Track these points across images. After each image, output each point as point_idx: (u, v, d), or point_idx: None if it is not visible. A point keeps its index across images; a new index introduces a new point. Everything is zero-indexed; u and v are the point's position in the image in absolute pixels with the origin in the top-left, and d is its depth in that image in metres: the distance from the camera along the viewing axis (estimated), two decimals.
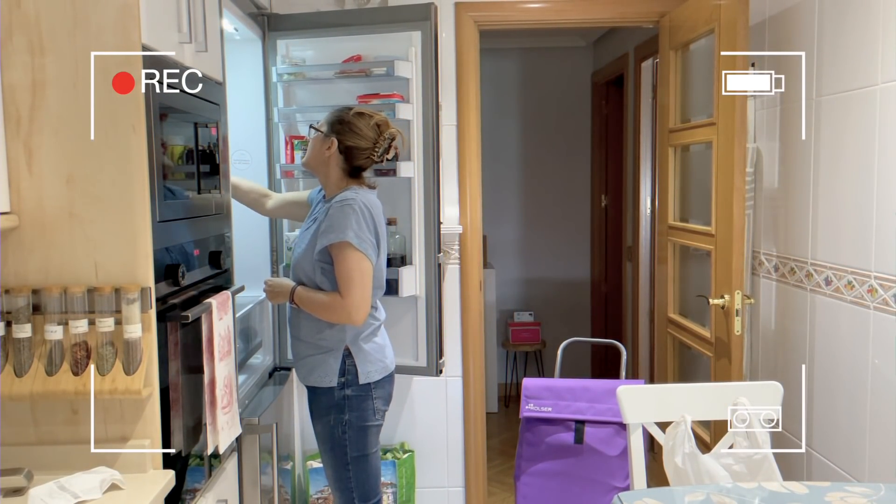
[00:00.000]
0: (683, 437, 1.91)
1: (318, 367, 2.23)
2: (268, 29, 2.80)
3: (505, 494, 3.66)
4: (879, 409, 2.08)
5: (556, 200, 5.33)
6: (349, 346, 2.22)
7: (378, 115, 2.29)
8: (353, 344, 2.23)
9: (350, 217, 2.13)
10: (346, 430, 2.22)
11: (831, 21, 2.28)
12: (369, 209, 2.18)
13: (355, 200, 2.16)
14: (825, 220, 2.33)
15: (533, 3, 3.11)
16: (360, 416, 2.23)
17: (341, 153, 2.24)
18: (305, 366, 2.27)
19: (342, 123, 2.25)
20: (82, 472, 1.53)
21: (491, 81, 4.86)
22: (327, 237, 2.13)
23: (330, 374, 2.22)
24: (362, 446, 2.24)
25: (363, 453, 2.25)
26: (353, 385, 2.22)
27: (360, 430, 2.23)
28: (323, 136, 2.26)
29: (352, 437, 2.22)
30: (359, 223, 2.13)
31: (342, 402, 2.22)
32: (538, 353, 5.10)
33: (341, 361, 2.22)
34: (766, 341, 2.73)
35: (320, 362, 2.23)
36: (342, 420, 2.22)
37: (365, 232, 2.14)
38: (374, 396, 2.25)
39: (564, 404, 2.84)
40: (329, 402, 2.23)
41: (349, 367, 2.22)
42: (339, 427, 2.22)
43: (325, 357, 2.23)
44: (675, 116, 3.05)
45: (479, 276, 3.18)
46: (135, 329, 1.55)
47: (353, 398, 2.22)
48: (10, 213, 1.56)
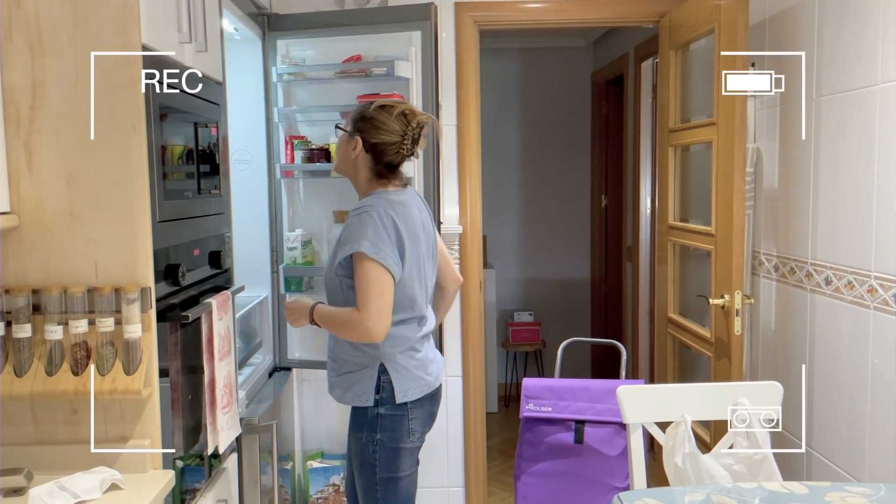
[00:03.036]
0: (683, 437, 1.91)
1: (354, 386, 2.09)
2: (268, 29, 2.81)
3: (505, 494, 3.66)
4: (879, 409, 2.08)
5: (556, 200, 5.33)
6: (384, 363, 2.07)
7: (403, 105, 2.12)
8: (389, 360, 2.07)
9: (366, 225, 1.98)
10: (377, 450, 2.07)
11: (831, 21, 2.28)
12: (392, 215, 2.02)
13: (374, 207, 2.02)
14: (825, 220, 2.33)
15: (533, 3, 3.11)
16: (392, 437, 2.07)
17: (367, 152, 2.09)
18: (341, 384, 2.12)
19: (364, 120, 2.09)
20: (82, 472, 1.53)
21: (491, 81, 4.86)
22: (343, 248, 2.00)
23: (366, 392, 2.07)
24: (393, 468, 2.08)
25: (393, 475, 2.08)
26: (388, 404, 2.07)
27: (392, 451, 2.08)
28: (348, 136, 2.12)
29: (382, 458, 2.07)
30: (376, 231, 1.97)
31: (374, 421, 2.07)
32: (538, 353, 5.10)
33: (377, 378, 2.06)
34: (766, 341, 2.73)
35: (356, 380, 2.09)
36: (373, 439, 2.07)
37: (384, 241, 1.98)
38: (411, 417, 2.09)
39: (564, 404, 2.84)
40: (362, 419, 2.09)
41: (384, 385, 2.06)
42: (371, 445, 2.08)
43: (360, 375, 2.08)
44: (675, 116, 3.05)
45: (479, 276, 3.18)
46: (135, 329, 1.55)
47: (386, 417, 2.07)
48: (10, 213, 1.56)
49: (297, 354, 2.94)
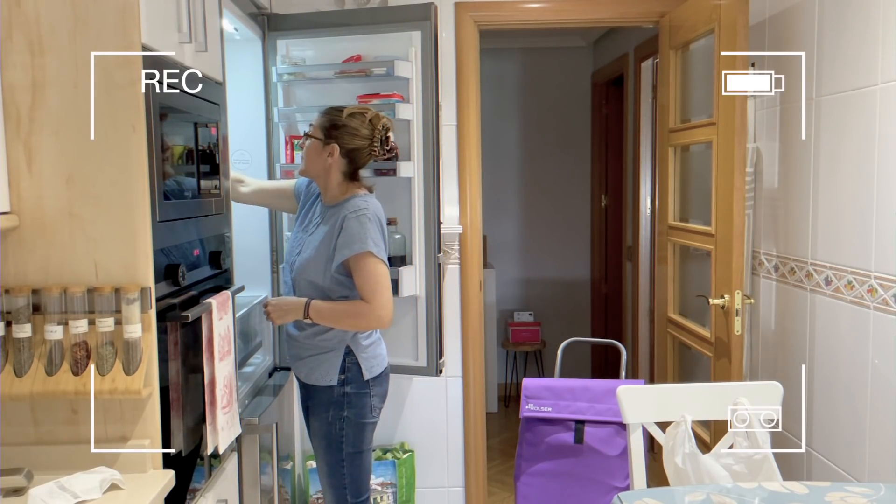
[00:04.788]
0: (683, 437, 1.91)
1: (320, 367, 2.26)
2: (268, 29, 2.80)
3: (505, 494, 3.66)
4: (879, 409, 2.08)
5: (556, 200, 5.33)
6: (350, 345, 2.25)
7: (369, 111, 2.28)
8: (354, 343, 2.26)
9: (367, 227, 2.18)
10: (344, 427, 2.25)
11: (831, 21, 2.28)
12: (379, 216, 2.24)
13: (368, 209, 2.21)
14: (825, 220, 2.33)
15: (533, 3, 3.11)
16: (358, 413, 2.26)
17: (344, 157, 2.25)
18: (306, 366, 2.29)
19: (338, 128, 2.23)
20: (82, 472, 1.53)
21: (491, 81, 4.86)
22: (350, 248, 2.16)
23: (331, 372, 2.24)
24: (358, 443, 2.27)
25: (358, 450, 2.28)
26: (353, 382, 2.25)
27: (358, 426, 2.27)
28: (322, 144, 2.24)
29: (349, 434, 2.26)
30: (375, 231, 2.19)
31: (341, 399, 2.25)
32: (538, 353, 5.10)
33: (342, 360, 2.24)
34: (766, 341, 2.73)
35: (322, 361, 2.25)
36: (340, 416, 2.25)
37: (380, 239, 2.21)
38: (372, 394, 2.28)
39: (564, 404, 2.84)
40: (328, 399, 2.26)
41: (349, 366, 2.25)
42: (338, 423, 2.25)
43: (326, 356, 2.25)
44: (675, 116, 3.05)
45: (479, 276, 3.18)
46: (135, 329, 1.55)
47: (352, 395, 2.25)
48: (10, 213, 1.56)
49: None
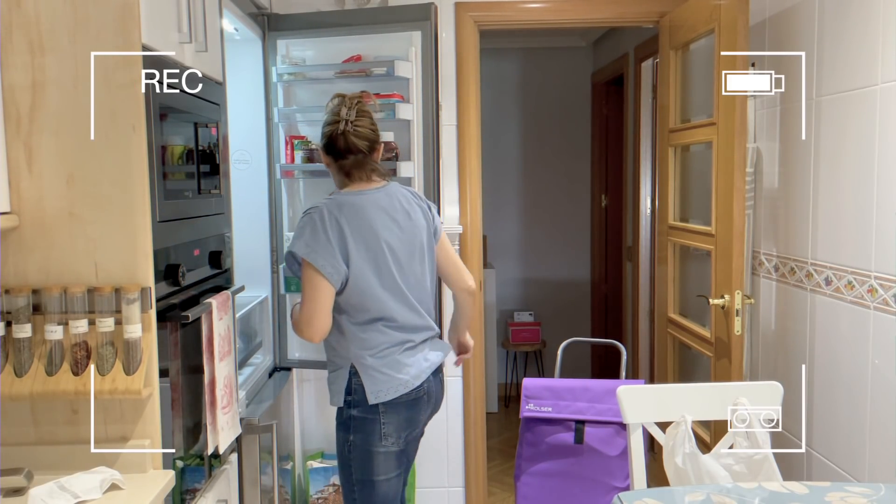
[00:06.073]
0: (683, 437, 1.91)
1: (332, 385, 2.14)
2: (268, 29, 2.80)
3: (505, 494, 3.66)
4: (879, 409, 2.08)
5: (556, 200, 5.32)
6: (354, 364, 2.08)
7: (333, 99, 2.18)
8: (358, 361, 2.08)
9: (304, 227, 2.03)
10: (352, 452, 2.10)
11: (831, 21, 2.28)
12: (338, 216, 2.03)
13: (318, 208, 2.05)
14: (825, 220, 2.33)
15: (533, 3, 3.11)
16: (365, 440, 2.08)
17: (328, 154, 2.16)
18: (328, 383, 2.17)
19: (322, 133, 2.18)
20: (82, 472, 1.53)
21: (491, 81, 4.86)
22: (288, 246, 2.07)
23: (340, 392, 2.10)
24: (367, 472, 2.10)
25: (368, 478, 2.10)
26: (360, 406, 2.08)
27: (366, 454, 2.09)
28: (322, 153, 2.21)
29: (356, 460, 2.10)
30: (314, 233, 2.00)
31: (348, 422, 2.10)
32: (538, 353, 5.10)
33: (348, 380, 2.09)
34: (766, 341, 2.73)
35: (333, 379, 2.14)
36: (347, 440, 2.11)
37: (320, 242, 2.00)
38: (383, 421, 2.07)
39: (564, 404, 2.84)
40: (339, 419, 2.13)
41: (356, 387, 2.08)
42: (346, 447, 2.11)
43: (336, 374, 2.13)
44: (675, 116, 3.05)
45: (479, 276, 3.18)
46: (135, 329, 1.55)
47: (358, 419, 2.08)
48: (10, 213, 1.56)
49: (296, 354, 2.94)
